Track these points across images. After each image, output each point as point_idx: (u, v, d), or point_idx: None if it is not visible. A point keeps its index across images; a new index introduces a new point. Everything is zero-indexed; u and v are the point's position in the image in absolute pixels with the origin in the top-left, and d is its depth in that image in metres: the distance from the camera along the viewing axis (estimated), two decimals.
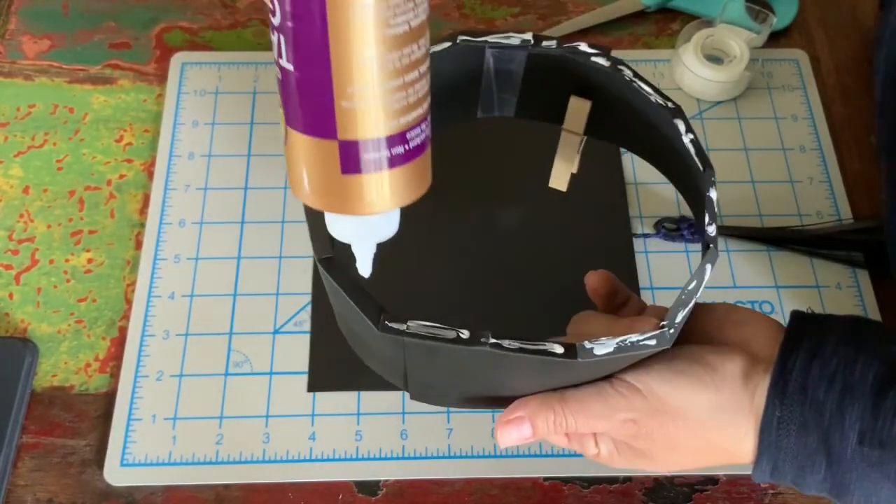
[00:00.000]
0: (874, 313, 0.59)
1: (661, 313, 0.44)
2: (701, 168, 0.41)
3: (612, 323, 0.44)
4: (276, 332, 0.58)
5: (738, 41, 0.67)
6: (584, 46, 0.44)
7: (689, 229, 0.61)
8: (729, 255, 0.61)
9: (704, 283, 0.39)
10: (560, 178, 0.53)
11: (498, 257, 0.61)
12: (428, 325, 0.38)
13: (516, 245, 0.61)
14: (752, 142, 0.66)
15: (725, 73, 0.66)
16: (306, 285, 0.59)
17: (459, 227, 0.62)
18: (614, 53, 0.44)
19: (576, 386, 0.42)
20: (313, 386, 0.56)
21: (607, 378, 0.42)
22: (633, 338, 0.38)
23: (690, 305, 0.39)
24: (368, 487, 0.53)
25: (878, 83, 0.55)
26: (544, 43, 0.44)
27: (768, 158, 0.65)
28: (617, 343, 0.37)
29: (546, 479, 0.54)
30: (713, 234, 0.40)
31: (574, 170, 0.53)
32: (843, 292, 0.60)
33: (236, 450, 0.54)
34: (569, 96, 0.47)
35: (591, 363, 0.38)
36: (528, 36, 0.44)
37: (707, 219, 0.40)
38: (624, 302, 0.48)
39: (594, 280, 0.48)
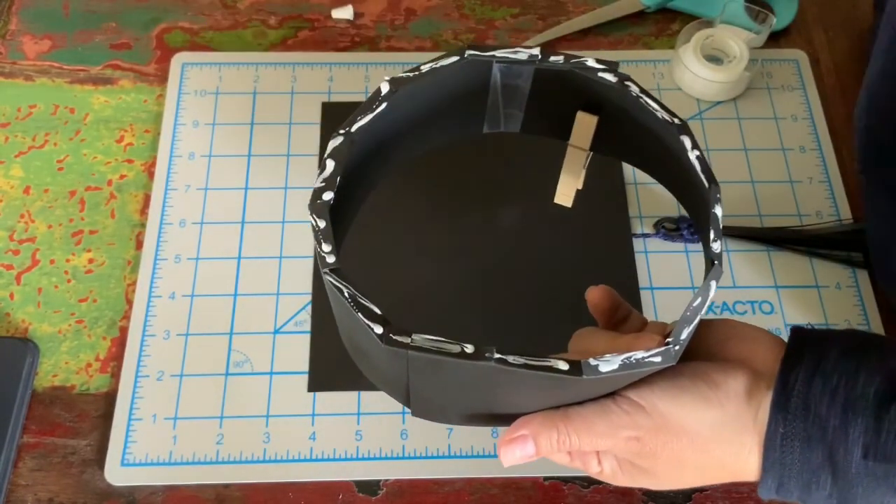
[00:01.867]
0: (873, 313, 0.59)
1: (662, 329, 0.44)
2: (706, 184, 0.41)
3: (613, 339, 0.44)
4: (276, 331, 0.58)
5: (737, 41, 0.67)
6: (591, 62, 0.44)
7: (689, 229, 0.61)
8: (729, 255, 0.61)
9: (709, 300, 0.39)
10: (565, 194, 0.53)
11: (498, 259, 0.61)
12: (432, 339, 0.38)
13: (516, 246, 0.61)
14: (751, 142, 0.66)
15: (725, 74, 0.66)
16: (306, 285, 0.59)
17: (459, 228, 0.62)
18: (621, 69, 0.44)
19: (579, 403, 0.42)
20: (313, 386, 0.56)
21: (611, 395, 0.42)
22: (639, 355, 0.37)
23: (695, 322, 0.39)
24: (369, 487, 0.53)
25: (863, 98, 0.55)
26: (552, 58, 0.44)
27: (768, 158, 0.65)
28: (622, 360, 0.37)
29: (546, 478, 0.54)
30: (718, 251, 0.40)
31: (580, 186, 0.52)
32: (842, 292, 0.60)
33: (237, 449, 0.54)
34: (575, 111, 0.47)
35: (595, 380, 0.38)
36: (536, 51, 0.44)
37: (712, 235, 0.40)
38: (625, 318, 0.48)
39: (595, 295, 0.47)
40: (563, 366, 0.37)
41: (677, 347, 0.38)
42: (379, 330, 0.38)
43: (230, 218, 0.62)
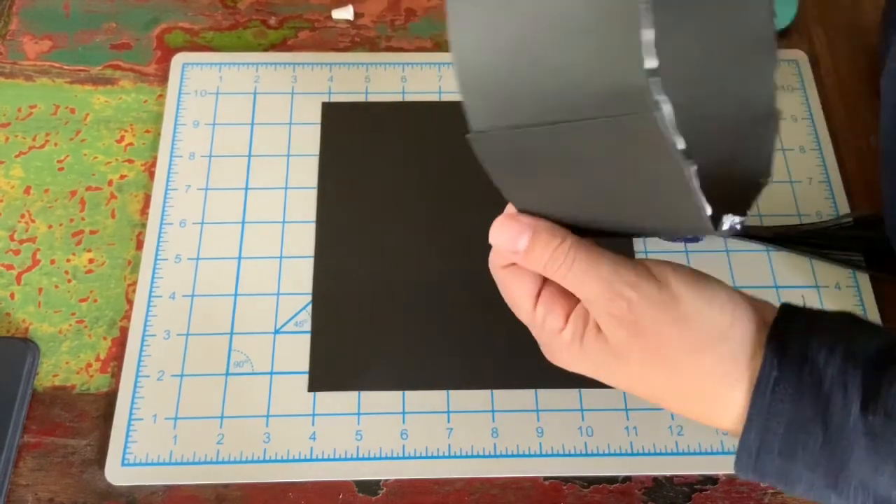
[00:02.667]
0: (873, 313, 0.59)
1: None
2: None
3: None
4: (276, 331, 0.58)
5: None
6: None
7: None
8: (728, 255, 0.61)
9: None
10: None
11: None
12: None
13: None
14: None
15: None
16: (307, 285, 0.59)
17: (457, 226, 0.62)
18: None
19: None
20: (314, 386, 0.56)
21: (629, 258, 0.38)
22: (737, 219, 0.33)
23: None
24: (369, 487, 0.53)
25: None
26: None
27: None
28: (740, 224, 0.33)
29: (546, 478, 0.54)
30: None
31: None
32: (842, 292, 0.60)
33: (237, 449, 0.54)
34: None
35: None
36: None
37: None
38: None
39: None
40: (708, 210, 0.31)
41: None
42: None
43: (231, 218, 0.62)
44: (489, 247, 0.61)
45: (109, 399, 0.56)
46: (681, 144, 0.27)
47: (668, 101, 0.26)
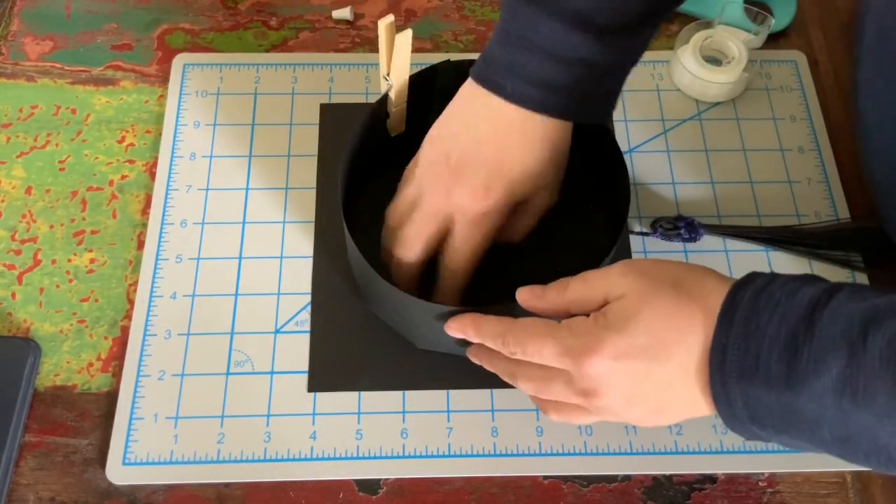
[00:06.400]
0: None
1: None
2: None
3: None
4: (277, 331, 0.58)
5: (736, 42, 0.67)
6: None
7: (686, 228, 0.61)
8: (727, 255, 0.61)
9: None
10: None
11: (493, 256, 0.61)
12: None
13: (511, 244, 0.61)
14: (750, 142, 0.66)
15: (724, 75, 0.66)
16: (307, 285, 0.60)
17: None
18: None
19: None
20: (314, 386, 0.56)
21: None
22: None
23: None
24: (369, 486, 0.54)
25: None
26: None
27: (766, 159, 0.66)
28: None
29: (545, 477, 0.54)
30: None
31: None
32: None
33: (238, 449, 0.54)
34: None
35: None
36: None
37: None
38: None
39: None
40: None
41: None
42: None
43: (231, 218, 0.62)
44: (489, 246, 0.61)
45: (110, 398, 0.56)
46: None
47: None
